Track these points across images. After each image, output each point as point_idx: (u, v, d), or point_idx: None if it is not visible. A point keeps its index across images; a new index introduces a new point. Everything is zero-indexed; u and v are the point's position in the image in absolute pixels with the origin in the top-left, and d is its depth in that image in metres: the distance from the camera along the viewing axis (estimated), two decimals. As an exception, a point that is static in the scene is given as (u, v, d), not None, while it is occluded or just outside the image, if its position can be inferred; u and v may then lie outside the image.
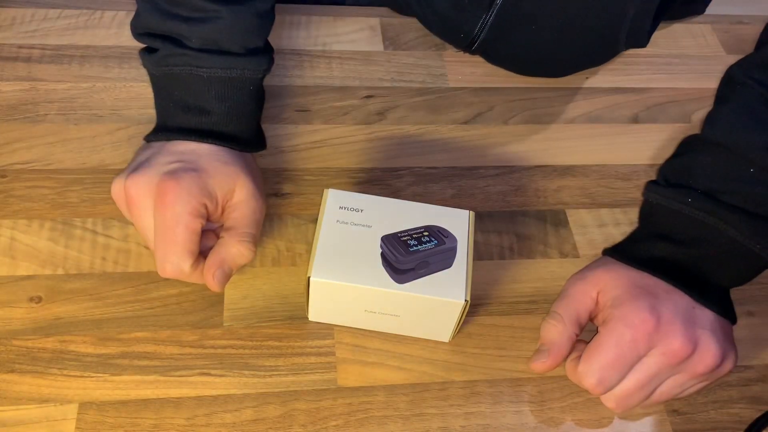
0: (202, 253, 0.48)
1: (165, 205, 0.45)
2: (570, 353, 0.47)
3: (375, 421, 0.46)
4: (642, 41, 0.64)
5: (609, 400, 0.46)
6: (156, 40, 0.50)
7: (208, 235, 0.49)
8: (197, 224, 0.46)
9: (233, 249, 0.47)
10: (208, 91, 0.50)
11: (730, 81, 0.51)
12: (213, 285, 0.47)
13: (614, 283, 0.47)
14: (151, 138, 0.50)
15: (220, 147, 0.49)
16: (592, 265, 0.49)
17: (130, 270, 0.51)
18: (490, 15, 0.61)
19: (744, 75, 0.50)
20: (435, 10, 0.64)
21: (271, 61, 0.53)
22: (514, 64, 0.67)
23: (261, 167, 0.57)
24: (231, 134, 0.51)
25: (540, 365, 0.47)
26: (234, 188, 0.48)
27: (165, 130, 0.50)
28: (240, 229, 0.48)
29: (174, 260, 0.45)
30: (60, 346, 0.47)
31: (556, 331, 0.47)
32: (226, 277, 0.47)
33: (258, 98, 0.53)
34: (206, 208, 0.47)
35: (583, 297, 0.47)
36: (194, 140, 0.49)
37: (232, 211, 0.48)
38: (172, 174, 0.46)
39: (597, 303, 0.47)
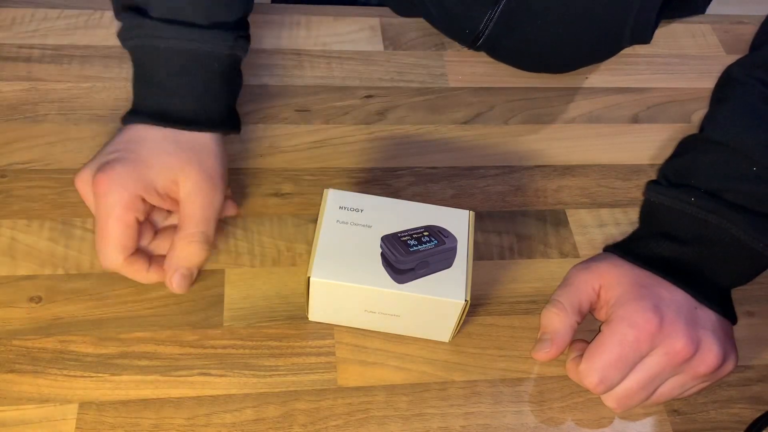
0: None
1: (98, 198, 0.45)
2: (571, 341, 0.47)
3: (375, 421, 0.46)
4: (646, 36, 0.64)
5: (610, 399, 0.46)
6: (125, 13, 0.48)
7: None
8: (130, 217, 0.45)
9: (183, 251, 0.46)
10: (162, 64, 0.47)
11: (729, 80, 0.51)
12: (175, 289, 0.47)
13: (618, 279, 0.46)
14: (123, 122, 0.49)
15: (168, 133, 0.46)
16: (596, 258, 0.49)
17: (130, 270, 0.51)
18: (496, 10, 0.61)
19: (744, 74, 0.50)
20: (441, 6, 0.64)
21: (242, 40, 0.49)
22: (519, 59, 0.67)
23: (261, 167, 0.57)
24: (185, 113, 0.47)
25: (543, 355, 0.47)
26: (177, 180, 0.46)
27: (128, 113, 0.48)
28: (188, 230, 0.46)
29: (106, 253, 0.45)
30: (60, 346, 0.47)
31: (558, 320, 0.47)
32: (187, 279, 0.47)
33: (227, 79, 0.50)
34: (143, 200, 0.45)
35: (585, 287, 0.47)
36: (143, 122, 0.47)
37: (181, 208, 0.46)
38: (106, 166, 0.45)
39: (598, 296, 0.47)
